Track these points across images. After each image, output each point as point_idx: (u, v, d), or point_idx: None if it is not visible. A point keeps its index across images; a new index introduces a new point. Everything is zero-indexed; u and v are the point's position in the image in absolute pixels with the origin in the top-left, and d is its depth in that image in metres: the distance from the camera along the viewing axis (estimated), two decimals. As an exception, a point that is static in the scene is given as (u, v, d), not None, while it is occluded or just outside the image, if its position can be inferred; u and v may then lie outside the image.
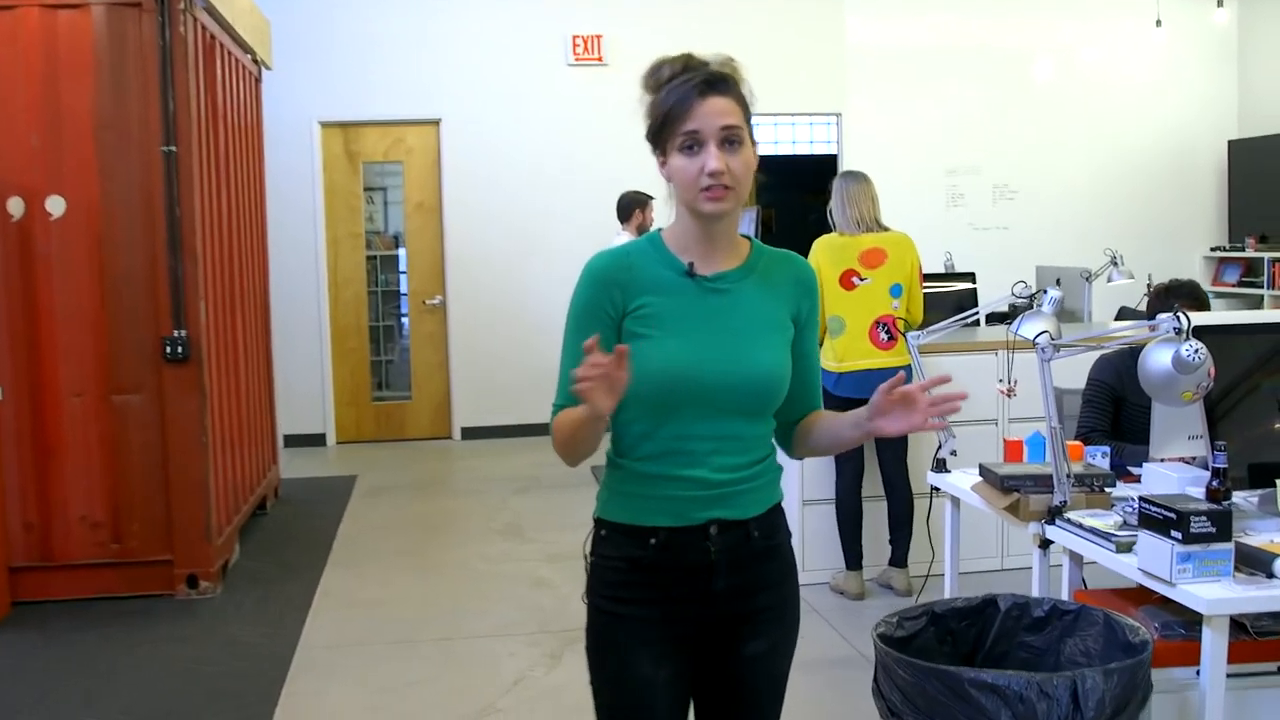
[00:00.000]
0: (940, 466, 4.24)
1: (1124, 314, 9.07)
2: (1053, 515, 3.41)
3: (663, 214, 8.36)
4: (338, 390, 10.34)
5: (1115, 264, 8.33)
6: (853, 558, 5.71)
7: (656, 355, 2.20)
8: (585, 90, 10.33)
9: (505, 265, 10.31)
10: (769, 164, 11.75)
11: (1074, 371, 4.76)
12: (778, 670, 2.37)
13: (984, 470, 3.80)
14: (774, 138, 10.79)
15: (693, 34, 10.52)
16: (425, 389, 10.50)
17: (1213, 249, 11.54)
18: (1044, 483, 3.52)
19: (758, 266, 2.32)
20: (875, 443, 5.72)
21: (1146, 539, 2.92)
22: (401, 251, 10.61)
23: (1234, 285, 11.26)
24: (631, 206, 8.48)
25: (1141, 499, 2.97)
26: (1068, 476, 3.40)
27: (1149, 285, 9.10)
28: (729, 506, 2.26)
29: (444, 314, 10.40)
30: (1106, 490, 3.51)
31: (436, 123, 10.24)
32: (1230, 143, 11.32)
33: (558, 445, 2.33)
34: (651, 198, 8.49)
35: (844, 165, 10.86)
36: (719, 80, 2.21)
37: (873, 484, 5.78)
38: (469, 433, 10.39)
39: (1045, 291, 4.19)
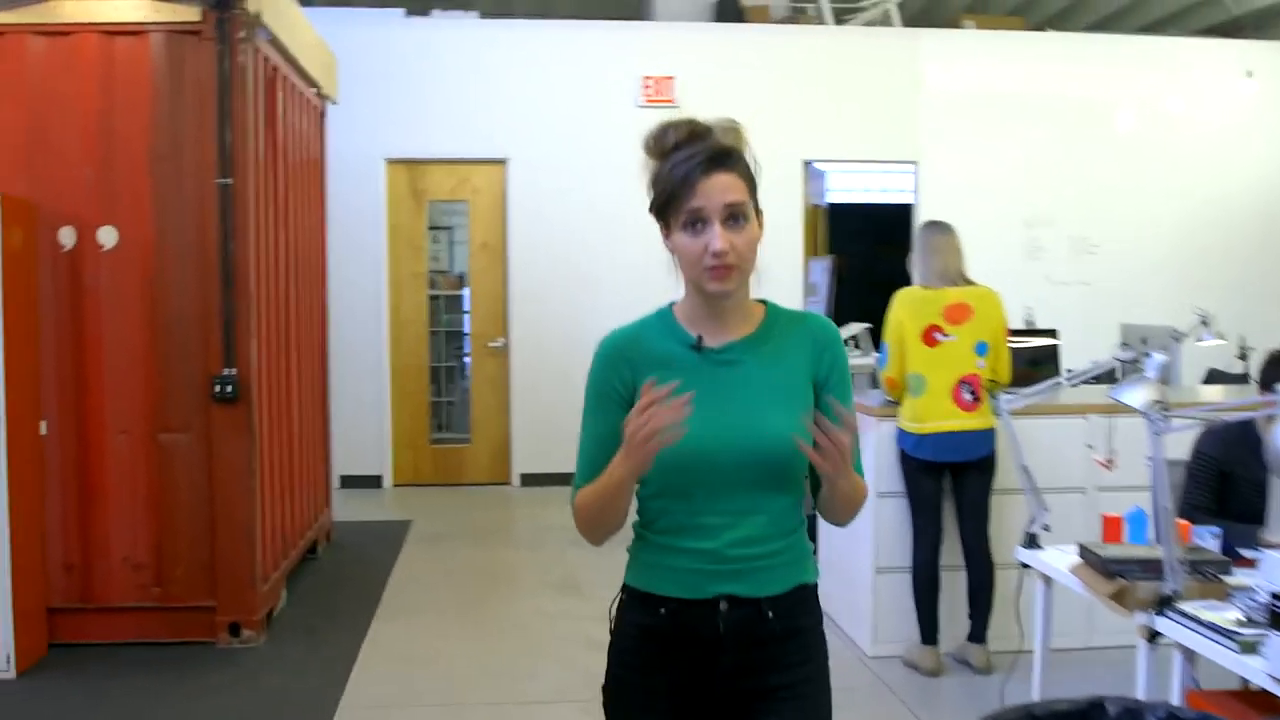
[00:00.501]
0: (1031, 542, 3.92)
1: (1214, 377, 8.68)
2: (1163, 605, 3.08)
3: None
4: (396, 432, 10.14)
5: (1205, 324, 7.94)
6: (928, 630, 5.36)
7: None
8: (656, 132, 10.10)
9: (569, 309, 10.08)
10: (843, 212, 11.53)
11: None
12: None
13: (1084, 551, 3.47)
14: (849, 185, 10.52)
15: (765, 79, 10.38)
16: (485, 432, 10.27)
17: (1303, 309, 11.08)
18: (1152, 568, 3.20)
19: (772, 332, 2.27)
20: (956, 508, 5.40)
21: (1277, 641, 2.59)
22: (465, 292, 10.42)
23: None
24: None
25: (1274, 595, 2.64)
26: (1181, 562, 3.08)
27: (1242, 348, 8.72)
28: (742, 583, 2.20)
29: (506, 356, 10.18)
30: (1223, 578, 3.18)
31: (503, 162, 10.06)
32: (1320, 201, 10.89)
33: (582, 523, 2.30)
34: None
35: (920, 215, 10.56)
36: (723, 155, 2.16)
37: (952, 553, 5.44)
38: (528, 479, 10.14)
39: (1150, 355, 3.87)
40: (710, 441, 2.15)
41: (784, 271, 10.00)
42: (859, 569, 5.70)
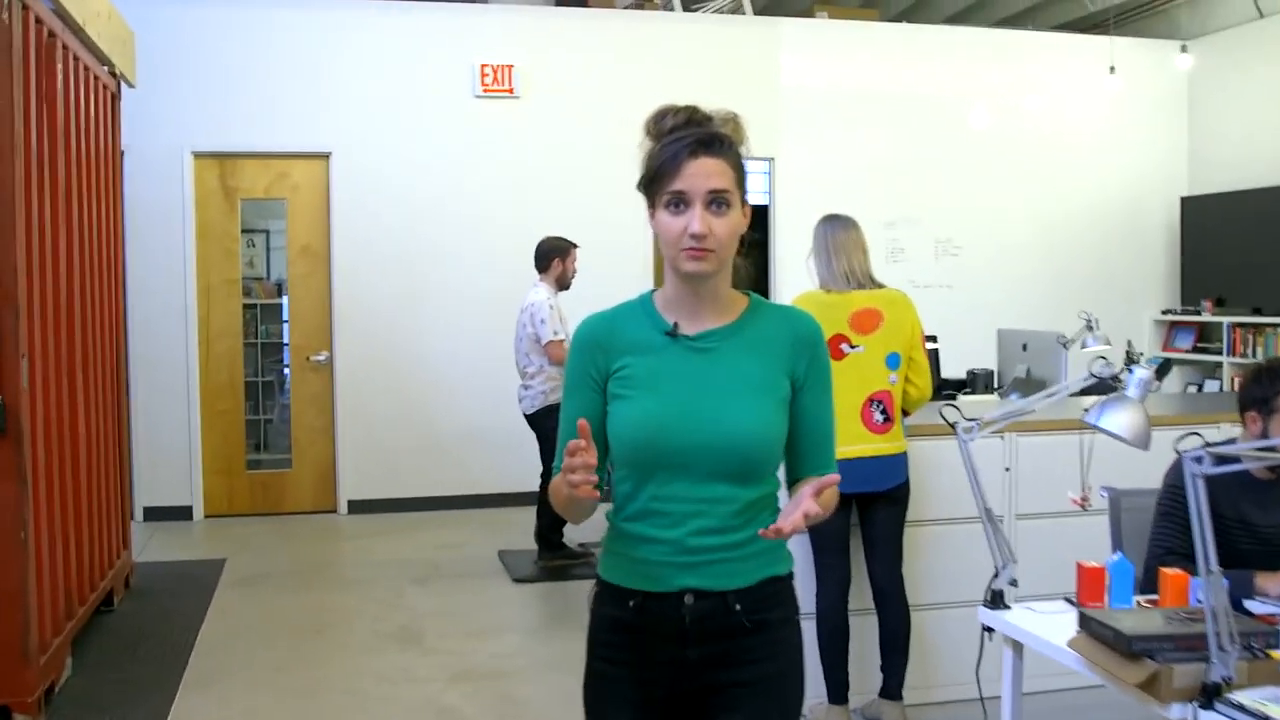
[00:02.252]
0: (996, 600, 3.23)
1: (1094, 386, 8.21)
2: (1211, 696, 2.40)
3: (589, 262, 7.32)
4: (208, 457, 9.06)
5: (1090, 328, 7.49)
6: (836, 688, 4.63)
7: (630, 415, 2.24)
8: (495, 124, 9.28)
9: (401, 318, 9.17)
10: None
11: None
12: None
13: (1089, 620, 2.77)
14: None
15: (612, 68, 9.62)
16: (308, 456, 9.27)
17: (1164, 311, 10.81)
18: (1186, 644, 2.52)
19: (750, 324, 2.29)
20: (865, 545, 4.70)
21: None
22: (284, 300, 9.42)
23: (1188, 351, 10.51)
24: (551, 255, 7.42)
25: None
26: (1233, 641, 2.40)
27: (1129, 354, 8.30)
28: (705, 576, 2.22)
29: (331, 371, 9.20)
30: (1273, 653, 2.51)
31: (326, 156, 9.09)
32: (1183, 200, 10.61)
33: (557, 508, 2.38)
34: (574, 245, 7.45)
35: (775, 215, 9.95)
36: (713, 140, 2.19)
37: (860, 596, 4.74)
38: (357, 506, 9.18)
39: (1131, 370, 3.22)
40: (674, 426, 2.19)
41: (634, 270, 9.29)
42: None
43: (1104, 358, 3.34)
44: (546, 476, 7.59)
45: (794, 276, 9.46)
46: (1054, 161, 10.52)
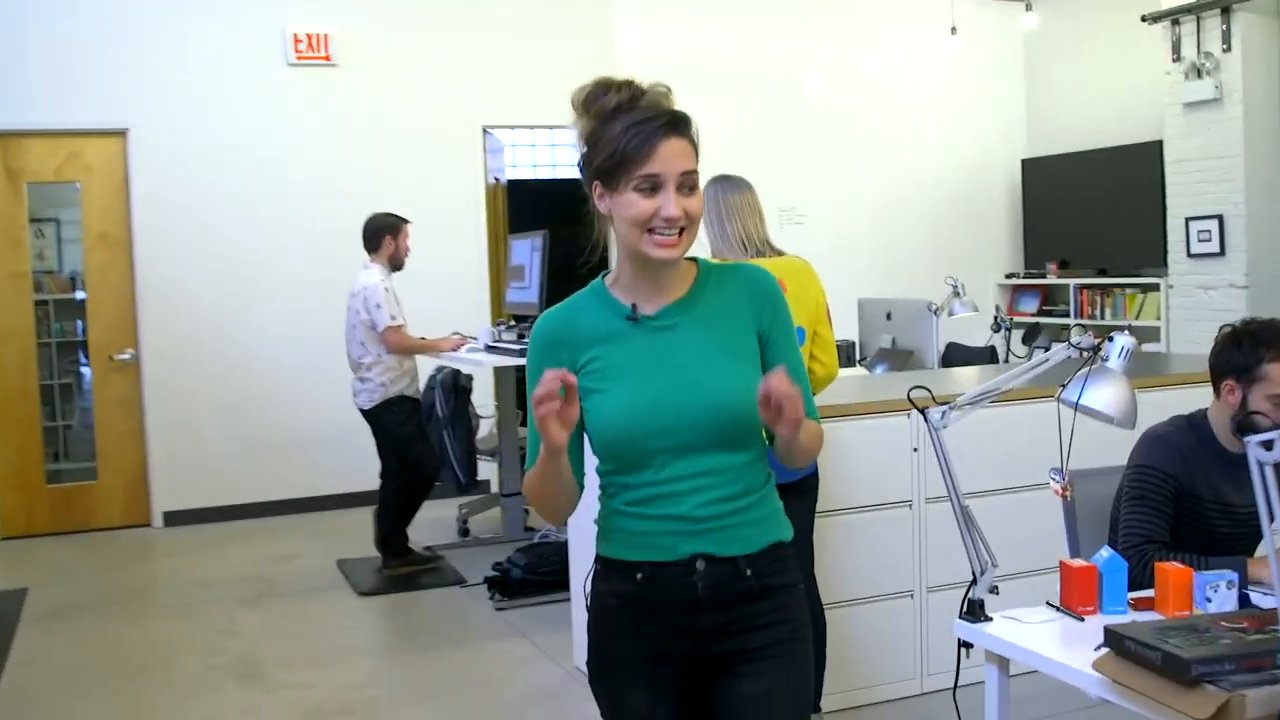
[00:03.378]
0: (973, 611, 2.76)
1: (954, 353, 7.94)
2: (1299, 732, 1.96)
3: (420, 240, 6.58)
4: (1, 472, 8.12)
5: (957, 294, 7.22)
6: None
7: (612, 409, 2.19)
8: (310, 95, 8.53)
9: (215, 310, 8.36)
10: (521, 188, 10.25)
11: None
12: (778, 717, 2.22)
13: (1123, 640, 2.30)
14: (529, 160, 9.29)
15: (439, 35, 8.96)
16: (115, 464, 8.40)
17: (1007, 275, 10.66)
18: (1250, 664, 2.08)
19: (705, 290, 2.27)
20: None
21: None
22: (81, 294, 8.50)
23: (1033, 315, 10.37)
24: (381, 232, 6.77)
25: None
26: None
27: (997, 319, 8.07)
28: (715, 542, 2.19)
29: (138, 370, 8.34)
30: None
31: (122, 133, 8.21)
32: (1024, 162, 10.46)
33: (533, 504, 2.30)
34: (406, 221, 6.82)
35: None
36: (680, 121, 2.17)
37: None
38: (173, 518, 8.35)
39: (1112, 338, 2.79)
40: (659, 409, 2.16)
41: (465, 255, 8.69)
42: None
43: (1082, 326, 2.91)
44: (387, 476, 6.96)
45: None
46: (896, 126, 10.28)
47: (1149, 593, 2.78)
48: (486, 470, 8.03)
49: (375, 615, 6.24)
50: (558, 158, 10.69)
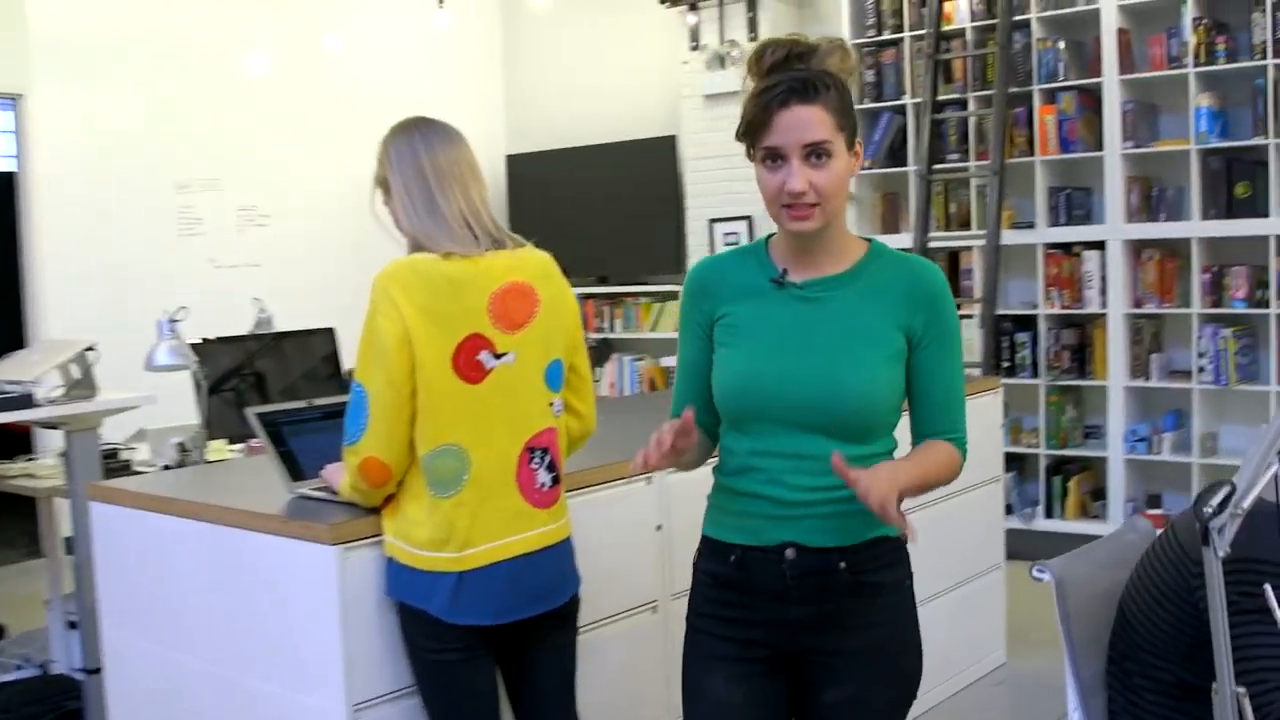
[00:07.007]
0: None
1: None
2: None
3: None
4: None
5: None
6: None
7: (729, 366, 2.14)
8: None
9: None
10: None
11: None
12: None
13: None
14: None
15: None
16: None
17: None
18: None
19: (865, 273, 2.14)
20: (518, 705, 2.67)
21: None
22: None
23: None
24: None
25: None
26: None
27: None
28: (806, 531, 2.08)
29: None
30: None
31: None
32: (509, 158, 9.27)
33: None
34: None
35: (29, 172, 7.10)
36: (807, 86, 2.01)
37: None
38: None
39: None
40: (772, 377, 2.09)
41: None
42: None
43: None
44: None
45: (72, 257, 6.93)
46: (371, 113, 8.67)
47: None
48: None
49: None
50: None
